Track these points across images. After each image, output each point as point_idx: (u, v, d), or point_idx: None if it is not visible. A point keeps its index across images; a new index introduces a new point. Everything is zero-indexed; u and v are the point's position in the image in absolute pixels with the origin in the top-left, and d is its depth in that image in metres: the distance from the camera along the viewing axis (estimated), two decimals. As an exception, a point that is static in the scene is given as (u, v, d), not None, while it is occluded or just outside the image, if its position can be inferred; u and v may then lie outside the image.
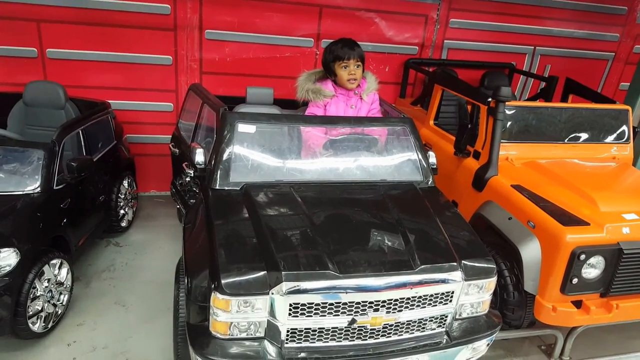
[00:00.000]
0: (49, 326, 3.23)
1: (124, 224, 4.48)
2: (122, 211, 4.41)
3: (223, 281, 2.25)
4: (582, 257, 2.96)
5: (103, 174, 4.06)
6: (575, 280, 3.02)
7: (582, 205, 3.23)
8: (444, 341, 2.57)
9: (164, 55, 4.73)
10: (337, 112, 3.43)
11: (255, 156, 3.06)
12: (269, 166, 3.06)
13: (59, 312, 3.33)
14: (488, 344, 2.78)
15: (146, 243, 4.43)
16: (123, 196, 4.41)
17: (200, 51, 4.78)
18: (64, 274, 3.34)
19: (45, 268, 3.11)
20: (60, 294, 3.34)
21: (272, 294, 2.28)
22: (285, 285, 2.26)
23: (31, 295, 2.99)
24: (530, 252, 3.14)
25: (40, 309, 3.10)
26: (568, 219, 3.08)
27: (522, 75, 5.74)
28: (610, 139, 4.08)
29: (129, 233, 4.56)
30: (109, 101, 4.49)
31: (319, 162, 3.15)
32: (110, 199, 4.18)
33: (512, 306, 3.26)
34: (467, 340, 2.62)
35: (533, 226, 3.16)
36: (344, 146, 3.21)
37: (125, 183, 4.49)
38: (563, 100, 4.75)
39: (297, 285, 2.27)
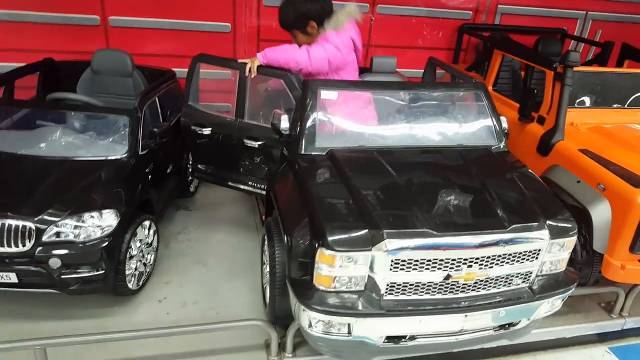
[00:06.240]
0: (140, 284, 3.44)
1: (191, 189, 4.66)
2: (190, 177, 4.58)
3: (329, 238, 2.40)
4: (654, 217, 3.08)
5: (176, 140, 4.19)
6: (644, 240, 3.15)
7: (650, 168, 3.32)
8: (528, 296, 2.73)
9: (222, 22, 4.79)
10: None
11: (337, 122, 3.18)
12: (351, 132, 3.18)
13: (148, 271, 3.54)
14: (563, 299, 2.93)
15: (213, 207, 4.62)
16: (191, 162, 4.55)
17: (258, 18, 4.83)
18: (151, 235, 3.53)
19: (139, 229, 3.29)
20: (149, 254, 3.53)
21: (374, 250, 2.43)
22: (389, 243, 2.41)
23: (128, 255, 3.19)
24: (601, 213, 3.26)
25: (134, 267, 3.31)
26: (638, 181, 3.19)
27: (572, 41, 5.72)
28: (671, 103, 4.13)
29: (195, 198, 4.75)
30: (171, 69, 4.58)
31: (399, 127, 3.26)
32: (182, 164, 4.33)
33: (579, 265, 3.41)
34: (549, 295, 2.77)
35: (603, 189, 3.27)
36: (421, 112, 3.31)
37: (191, 149, 4.61)
38: (618, 66, 4.77)
39: (399, 243, 2.42)
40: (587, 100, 3.92)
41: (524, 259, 2.66)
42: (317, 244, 2.44)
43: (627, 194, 3.11)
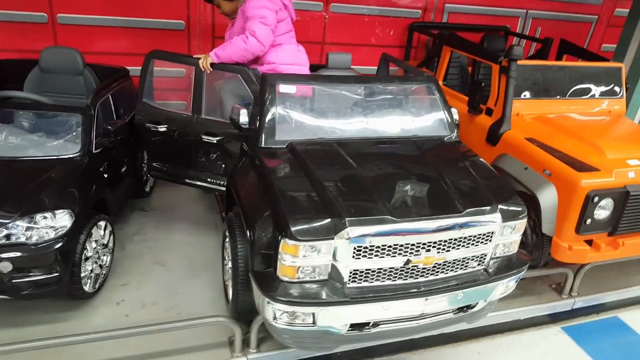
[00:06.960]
0: (96, 287, 3.33)
1: (147, 189, 4.56)
2: (145, 176, 4.48)
3: (292, 228, 2.42)
4: (596, 199, 3.28)
5: (129, 139, 4.08)
6: (588, 221, 3.35)
7: (590, 154, 3.55)
8: (483, 277, 2.85)
9: (176, 20, 4.72)
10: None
11: (297, 116, 3.21)
12: (311, 125, 3.22)
13: (104, 273, 3.44)
14: (516, 281, 3.07)
15: (169, 207, 4.54)
16: (145, 162, 4.46)
17: (213, 15, 4.79)
18: (107, 235, 3.43)
19: (94, 230, 3.20)
20: (104, 255, 3.43)
21: (336, 239, 2.47)
22: (350, 231, 2.45)
23: (83, 257, 3.08)
24: (548, 197, 3.44)
25: (90, 269, 3.20)
26: (581, 166, 3.40)
27: (515, 37, 6.01)
28: (606, 94, 4.41)
29: (151, 198, 4.65)
30: (122, 68, 4.46)
31: (357, 120, 3.33)
32: (136, 163, 4.23)
33: (530, 248, 3.59)
34: (503, 276, 2.89)
35: (549, 174, 3.46)
36: (377, 104, 3.39)
37: (146, 149, 4.51)
38: (558, 60, 5.04)
39: (360, 230, 2.47)
40: (530, 92, 4.13)
41: (478, 241, 2.77)
42: (280, 235, 2.45)
43: (572, 179, 3.31)
